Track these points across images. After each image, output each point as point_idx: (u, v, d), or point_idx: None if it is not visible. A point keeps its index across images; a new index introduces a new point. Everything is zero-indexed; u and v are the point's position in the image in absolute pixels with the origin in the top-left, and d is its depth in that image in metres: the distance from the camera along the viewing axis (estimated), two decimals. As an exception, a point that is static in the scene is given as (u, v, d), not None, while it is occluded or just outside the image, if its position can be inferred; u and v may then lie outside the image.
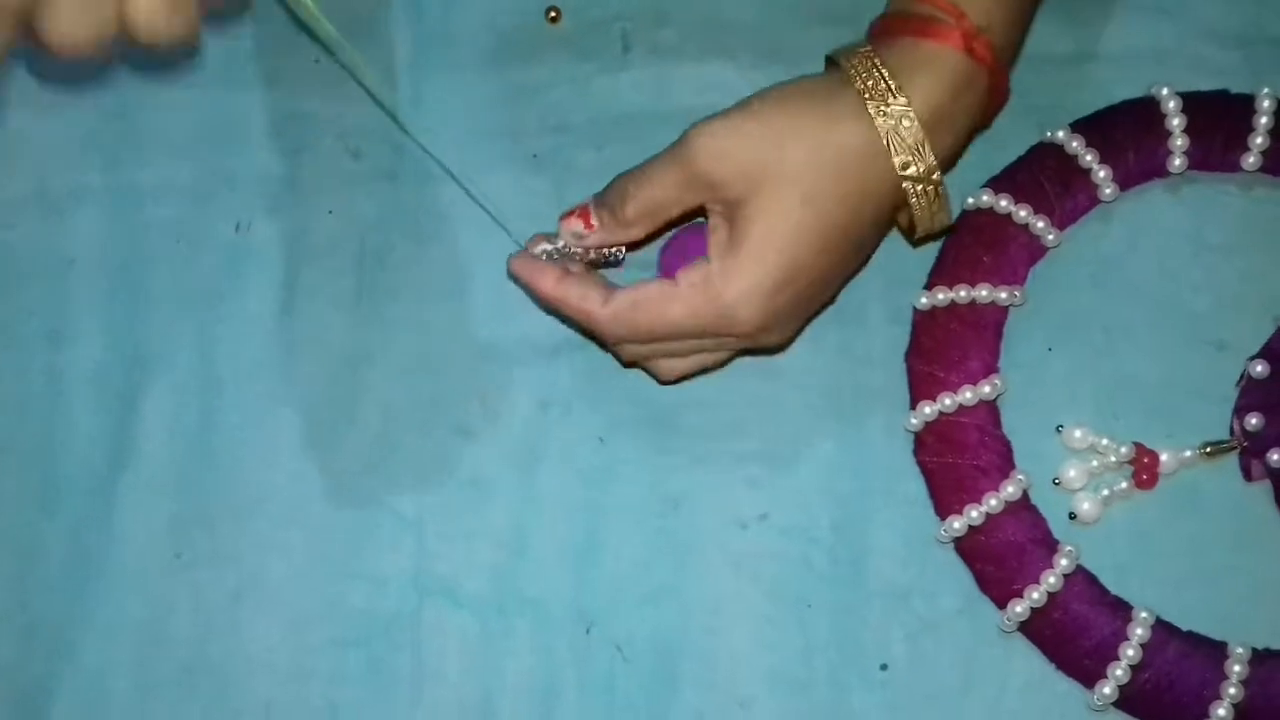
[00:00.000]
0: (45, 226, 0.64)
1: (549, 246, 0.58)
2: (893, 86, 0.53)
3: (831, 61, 0.56)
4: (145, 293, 0.63)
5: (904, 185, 0.54)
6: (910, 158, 0.53)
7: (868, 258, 0.58)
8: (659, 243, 0.59)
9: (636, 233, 0.57)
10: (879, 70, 0.53)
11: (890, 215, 0.56)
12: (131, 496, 0.61)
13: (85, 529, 0.61)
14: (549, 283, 0.56)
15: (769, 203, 0.53)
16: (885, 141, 0.53)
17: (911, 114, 0.53)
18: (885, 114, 0.53)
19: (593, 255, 0.58)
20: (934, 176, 0.54)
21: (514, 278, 0.58)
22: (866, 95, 0.53)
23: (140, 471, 0.61)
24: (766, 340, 0.56)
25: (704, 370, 0.59)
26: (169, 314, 0.63)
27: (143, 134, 0.65)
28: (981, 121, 0.57)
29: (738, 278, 0.53)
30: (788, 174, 0.53)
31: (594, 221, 0.57)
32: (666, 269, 0.58)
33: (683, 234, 0.59)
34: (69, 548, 0.61)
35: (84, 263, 0.64)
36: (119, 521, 0.61)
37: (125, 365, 0.63)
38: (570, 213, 0.57)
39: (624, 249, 0.58)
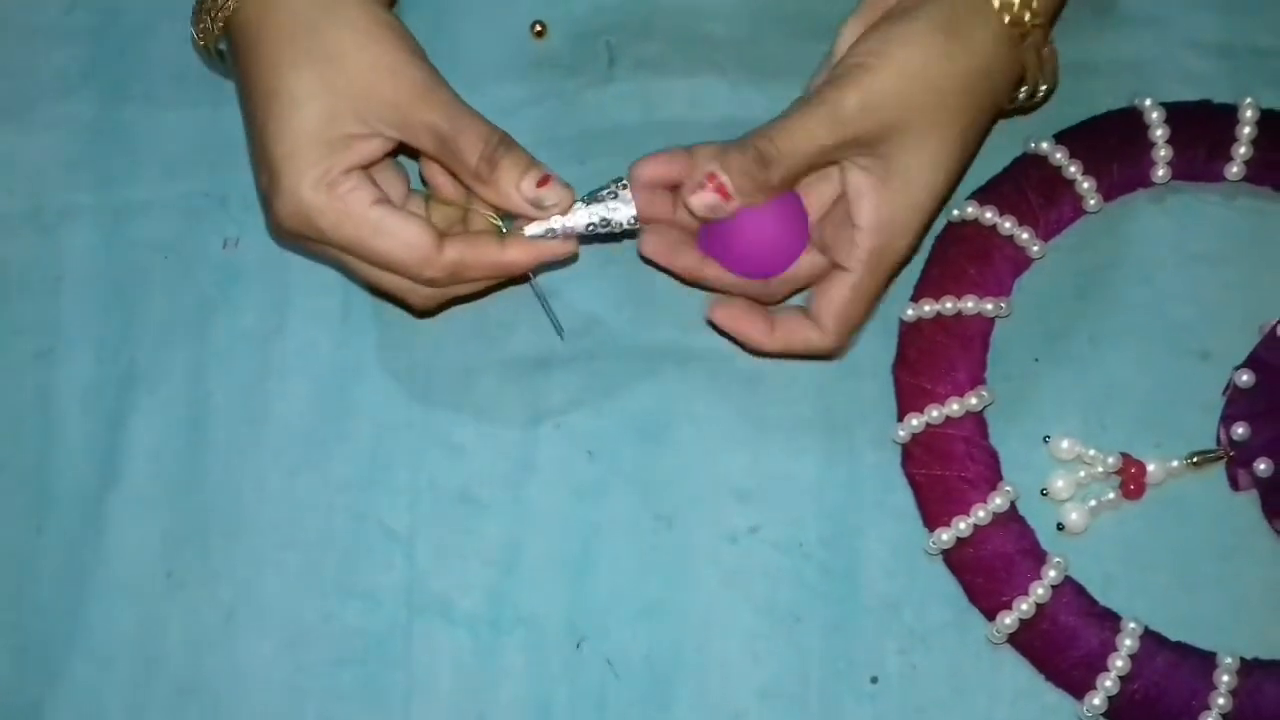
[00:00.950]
0: (35, 244, 0.64)
1: (539, 229, 0.55)
2: None
3: None
4: (136, 310, 0.64)
5: (1026, 55, 0.55)
6: (1031, 25, 0.54)
7: None
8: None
9: (772, 196, 0.54)
10: None
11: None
12: (122, 514, 0.61)
13: (76, 548, 0.61)
14: (763, 335, 0.56)
15: (920, 149, 0.53)
16: (1014, 51, 0.54)
17: None
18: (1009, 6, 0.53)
19: (602, 230, 0.57)
20: (1051, 40, 0.55)
21: (717, 327, 0.57)
22: None
23: (131, 489, 0.62)
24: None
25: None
26: (159, 331, 0.63)
27: (133, 152, 0.65)
28: None
29: (907, 232, 0.54)
30: (943, 114, 0.53)
31: (731, 191, 0.53)
32: (726, 249, 0.56)
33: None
34: (60, 566, 0.61)
35: (74, 280, 0.64)
36: (110, 540, 0.61)
37: (115, 383, 0.63)
38: (698, 185, 0.54)
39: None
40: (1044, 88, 0.58)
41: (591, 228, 0.57)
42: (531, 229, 0.56)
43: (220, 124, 0.64)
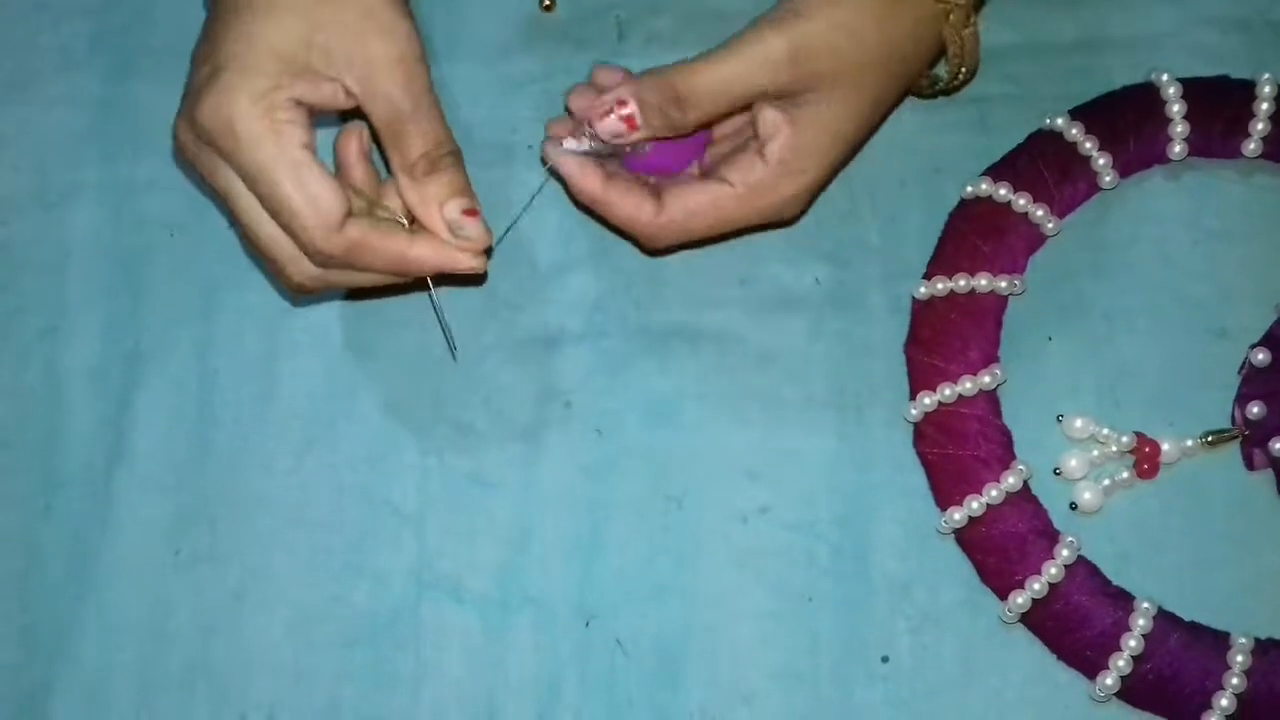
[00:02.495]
0: (42, 222, 0.64)
1: (575, 145, 0.53)
2: None
3: None
4: (142, 288, 0.63)
5: (947, 34, 0.54)
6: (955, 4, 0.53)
7: None
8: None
9: (687, 132, 0.53)
10: None
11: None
12: (130, 493, 0.61)
13: (84, 527, 0.61)
14: (595, 186, 0.52)
15: (840, 104, 0.52)
16: (939, 30, 0.53)
17: None
18: None
19: (607, 149, 0.55)
20: (973, 19, 0.54)
21: (551, 171, 0.54)
22: None
23: (138, 468, 0.61)
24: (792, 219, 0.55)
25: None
26: (166, 309, 0.63)
27: (139, 129, 0.65)
28: None
29: (800, 175, 0.52)
30: (866, 76, 0.52)
31: (639, 123, 0.52)
32: (658, 165, 0.56)
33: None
34: (68, 546, 0.61)
35: (81, 258, 0.64)
36: (117, 519, 0.61)
37: (122, 361, 0.63)
38: (604, 109, 0.52)
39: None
40: (964, 70, 0.57)
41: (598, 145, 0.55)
42: (568, 143, 0.54)
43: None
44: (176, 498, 0.61)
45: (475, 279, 0.55)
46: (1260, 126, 0.60)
